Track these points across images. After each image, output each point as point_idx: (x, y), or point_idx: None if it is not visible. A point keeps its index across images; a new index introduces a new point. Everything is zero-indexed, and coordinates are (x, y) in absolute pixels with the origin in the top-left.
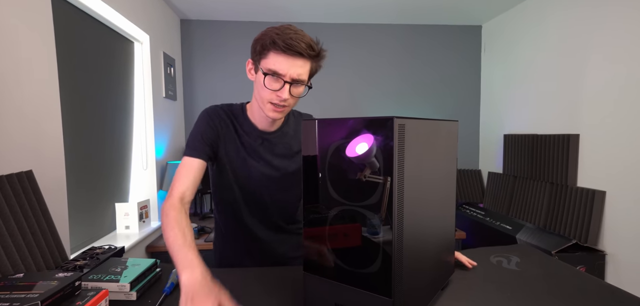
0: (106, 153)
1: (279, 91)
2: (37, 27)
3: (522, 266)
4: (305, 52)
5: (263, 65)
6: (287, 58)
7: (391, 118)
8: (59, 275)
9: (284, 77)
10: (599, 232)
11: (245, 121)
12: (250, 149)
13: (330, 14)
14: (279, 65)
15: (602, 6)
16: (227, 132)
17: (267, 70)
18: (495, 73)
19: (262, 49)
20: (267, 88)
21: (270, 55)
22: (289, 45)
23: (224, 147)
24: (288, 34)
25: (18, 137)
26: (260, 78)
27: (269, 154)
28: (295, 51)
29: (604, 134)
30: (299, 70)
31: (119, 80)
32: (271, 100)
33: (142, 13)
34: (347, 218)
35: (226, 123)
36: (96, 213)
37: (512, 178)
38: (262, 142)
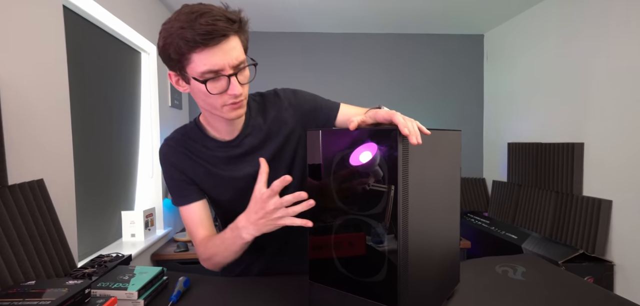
0: (113, 161)
1: (229, 89)
2: (50, 38)
3: (528, 277)
4: (229, 30)
5: (192, 72)
6: (214, 49)
7: (395, 128)
8: (68, 282)
9: (223, 72)
10: (606, 242)
11: (205, 137)
12: (222, 166)
13: (332, 24)
14: (211, 62)
15: (606, 14)
16: (190, 163)
17: (201, 76)
18: (498, 81)
19: (179, 56)
20: (213, 95)
21: (193, 58)
22: (208, 32)
23: (196, 178)
24: (199, 21)
25: (30, 146)
26: (198, 87)
27: (245, 160)
28: (219, 36)
29: (609, 143)
30: (235, 53)
31: (126, 90)
32: (224, 102)
33: (149, 24)
34: (353, 227)
35: (184, 156)
36: (102, 221)
37: (516, 187)
38: (234, 152)
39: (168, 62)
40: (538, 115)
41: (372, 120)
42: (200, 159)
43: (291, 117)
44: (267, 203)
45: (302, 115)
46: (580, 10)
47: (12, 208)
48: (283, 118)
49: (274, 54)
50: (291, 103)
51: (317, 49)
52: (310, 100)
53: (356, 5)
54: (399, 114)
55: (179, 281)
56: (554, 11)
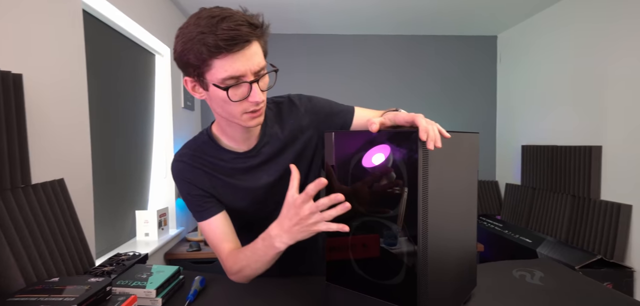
0: (128, 161)
1: (250, 96)
2: (70, 42)
3: (546, 281)
4: (251, 35)
5: (212, 78)
6: (237, 55)
7: (415, 131)
8: (90, 280)
9: (245, 78)
10: (626, 248)
11: (219, 150)
12: (240, 177)
13: (345, 26)
14: (233, 69)
15: (622, 14)
16: (206, 177)
17: (222, 83)
18: (511, 83)
19: (199, 61)
20: (233, 102)
21: (214, 63)
22: (231, 38)
23: (213, 191)
24: (220, 26)
25: (50, 146)
26: (218, 94)
27: (263, 170)
28: (242, 42)
29: (629, 146)
30: (257, 59)
31: (141, 91)
32: (244, 110)
33: (164, 27)
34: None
35: (200, 171)
36: (117, 220)
37: (531, 190)
38: (251, 163)
39: (185, 67)
40: (553, 117)
41: (391, 122)
42: (215, 172)
43: (308, 124)
44: (301, 209)
45: (318, 121)
46: (595, 12)
47: (35, 207)
48: (300, 125)
49: (281, 55)
50: (307, 110)
51: (325, 51)
52: (326, 105)
53: (368, 5)
54: (422, 117)
55: (195, 281)
56: (569, 13)
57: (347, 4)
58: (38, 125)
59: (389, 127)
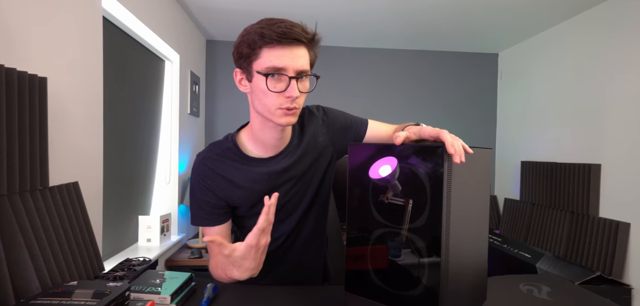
0: (134, 165)
1: (287, 90)
2: (90, 47)
3: (554, 297)
4: (302, 37)
5: (257, 66)
6: (285, 49)
7: (442, 145)
8: (109, 284)
9: (286, 72)
10: (624, 265)
11: (242, 157)
12: (263, 183)
13: (349, 38)
14: (277, 60)
15: (621, 34)
16: (225, 184)
17: (265, 70)
18: (512, 100)
19: (250, 49)
20: (271, 92)
21: (263, 53)
22: (283, 33)
23: (228, 199)
24: (276, 23)
25: (66, 149)
26: (260, 82)
27: (284, 176)
28: (291, 38)
29: (627, 165)
30: (301, 61)
31: (150, 97)
32: (280, 105)
33: (175, 34)
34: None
35: (222, 179)
36: (121, 225)
37: (529, 205)
38: (275, 168)
39: (239, 58)
40: (552, 134)
41: (416, 136)
42: (236, 178)
43: (324, 135)
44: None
45: (334, 132)
46: (594, 34)
47: (52, 209)
48: (317, 135)
49: None
50: (324, 121)
51: (325, 64)
52: (341, 117)
53: (372, 19)
54: (447, 132)
55: (207, 288)
56: (569, 34)
57: (349, 17)
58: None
59: (414, 141)
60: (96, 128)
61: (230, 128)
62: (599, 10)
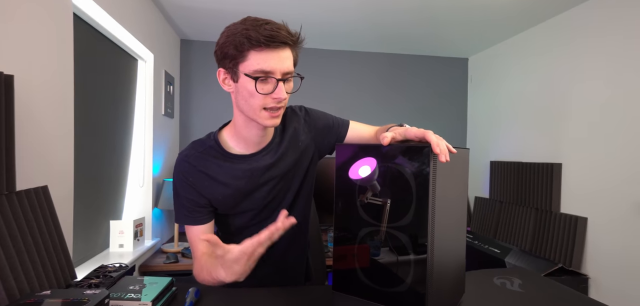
0: (104, 168)
1: (274, 92)
2: (59, 46)
3: (525, 288)
4: (289, 40)
5: (244, 68)
6: (272, 52)
7: (428, 146)
8: (87, 292)
9: (274, 75)
10: (582, 257)
11: (224, 155)
12: (245, 180)
13: (322, 40)
14: (265, 63)
15: (580, 42)
16: (208, 182)
17: (253, 73)
18: (481, 102)
19: (237, 51)
20: (259, 94)
21: (250, 55)
22: (271, 36)
23: (211, 197)
24: (261, 24)
25: (35, 151)
26: (247, 84)
27: (266, 174)
28: (279, 42)
29: (585, 164)
30: (287, 62)
31: (123, 97)
32: (265, 105)
33: (148, 33)
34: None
35: (204, 176)
36: (91, 230)
37: (498, 203)
38: (257, 165)
39: (223, 58)
40: (519, 135)
41: (402, 136)
42: (219, 175)
43: (306, 134)
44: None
45: (316, 132)
46: (558, 42)
47: (19, 215)
48: (299, 134)
49: None
50: (306, 121)
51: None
52: (323, 117)
53: (346, 20)
54: (432, 132)
55: (189, 293)
56: (535, 41)
57: (322, 18)
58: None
59: (400, 141)
60: (66, 130)
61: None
62: (561, 20)
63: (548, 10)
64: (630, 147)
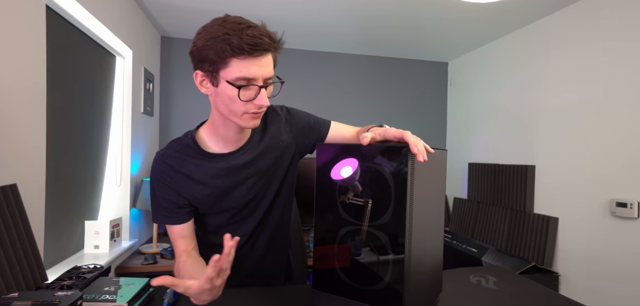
0: (79, 167)
1: (257, 99)
2: (31, 39)
3: (500, 285)
4: (271, 46)
5: (226, 75)
6: (254, 60)
7: (406, 146)
8: (58, 294)
9: (256, 82)
10: (553, 255)
11: (202, 154)
12: (223, 178)
13: (305, 41)
14: (248, 71)
15: (554, 49)
16: (186, 182)
17: (236, 82)
18: (460, 106)
19: (218, 58)
20: (241, 100)
21: (232, 62)
22: (255, 44)
23: (190, 197)
24: (244, 31)
25: (3, 149)
26: (228, 91)
27: (245, 172)
28: (262, 50)
29: (557, 165)
30: (269, 69)
31: (99, 94)
32: (247, 110)
33: (127, 28)
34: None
35: (181, 175)
36: (65, 231)
37: (476, 204)
38: (235, 163)
39: (201, 62)
40: (495, 138)
41: (381, 137)
42: (197, 175)
43: (287, 133)
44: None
45: (297, 131)
46: (532, 50)
47: None
48: (280, 133)
49: None
50: (287, 120)
51: (285, 65)
52: (304, 117)
53: (331, 22)
54: (409, 133)
55: (167, 293)
56: (511, 48)
57: (310, 19)
58: None
59: (379, 142)
60: (38, 126)
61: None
62: (533, 28)
63: (522, 18)
64: (598, 149)
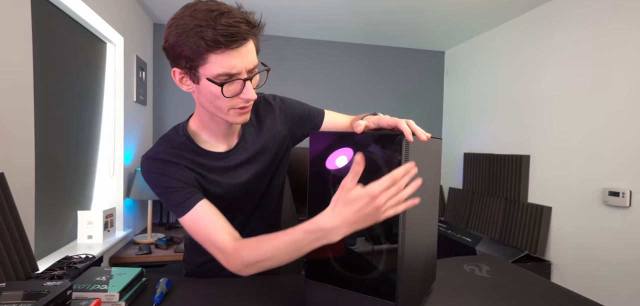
0: (72, 157)
1: (242, 93)
2: (15, 24)
3: (493, 274)
4: (249, 33)
5: (205, 72)
6: (234, 52)
7: (400, 134)
8: (47, 284)
9: (240, 75)
10: (546, 244)
11: (198, 151)
12: (221, 174)
13: (302, 29)
14: (229, 65)
15: (550, 38)
16: (187, 172)
17: (217, 78)
18: (456, 95)
19: (194, 54)
20: (225, 97)
21: (210, 58)
22: (231, 34)
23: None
24: (219, 20)
25: None
26: (211, 87)
27: (243, 168)
28: (241, 39)
29: (551, 155)
30: (251, 57)
31: (90, 82)
32: (233, 106)
33: (118, 15)
34: None
35: (183, 166)
36: (57, 221)
37: (470, 194)
38: (232, 161)
39: (177, 59)
40: (491, 128)
41: (375, 125)
42: (198, 168)
43: (282, 124)
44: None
45: (292, 121)
46: (528, 39)
47: None
48: (275, 124)
49: None
50: (281, 110)
51: (286, 54)
52: (299, 106)
53: (331, 10)
54: (404, 121)
55: (160, 283)
56: (506, 37)
57: (310, 8)
58: None
59: (373, 130)
60: (26, 114)
61: (180, 117)
62: (531, 16)
63: (518, 7)
64: (593, 140)
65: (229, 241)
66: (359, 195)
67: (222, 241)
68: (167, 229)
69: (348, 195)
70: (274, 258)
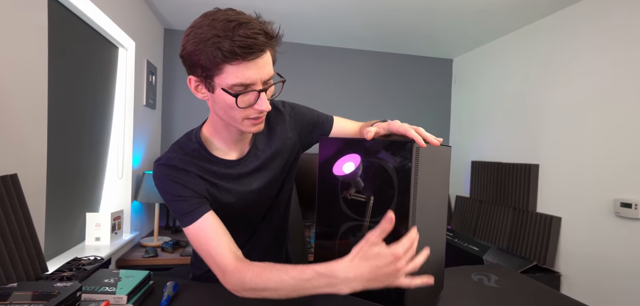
0: (81, 158)
1: (257, 104)
2: (33, 29)
3: (501, 284)
4: (267, 45)
5: (221, 82)
6: (250, 63)
7: (411, 141)
8: (57, 284)
9: (255, 86)
10: (555, 255)
11: (211, 158)
12: (233, 182)
13: (311, 36)
14: (244, 76)
15: (560, 47)
16: (199, 181)
17: (232, 89)
18: (464, 103)
19: (211, 64)
20: (240, 108)
21: (227, 68)
22: (248, 46)
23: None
24: (237, 32)
25: (3, 139)
26: (225, 98)
27: (255, 176)
28: (258, 51)
29: (560, 164)
30: (267, 69)
31: (102, 85)
32: (247, 116)
33: (130, 20)
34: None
35: (195, 175)
36: (66, 223)
37: (478, 202)
38: (244, 169)
39: (193, 67)
40: (499, 136)
41: (385, 131)
42: (210, 176)
43: (292, 130)
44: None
45: (301, 128)
46: (537, 47)
47: None
48: (287, 133)
49: None
50: (292, 117)
51: (297, 60)
52: (308, 113)
53: (337, 16)
54: (412, 128)
55: (167, 286)
56: (515, 45)
57: (313, 13)
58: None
59: (383, 136)
60: (39, 116)
61: (188, 121)
62: (541, 25)
63: (528, 15)
64: (603, 149)
65: (230, 260)
66: (383, 252)
67: (222, 257)
68: (174, 232)
69: (371, 250)
70: (276, 290)
